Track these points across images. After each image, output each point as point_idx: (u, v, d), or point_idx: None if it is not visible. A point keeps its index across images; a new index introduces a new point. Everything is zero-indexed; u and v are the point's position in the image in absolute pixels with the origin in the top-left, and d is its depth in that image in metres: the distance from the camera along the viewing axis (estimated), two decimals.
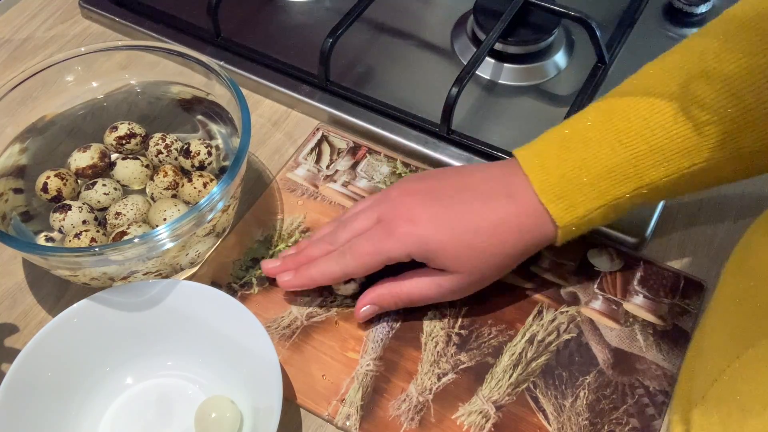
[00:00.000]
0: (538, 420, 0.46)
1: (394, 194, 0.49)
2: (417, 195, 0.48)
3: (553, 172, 0.45)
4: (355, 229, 0.49)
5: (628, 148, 0.44)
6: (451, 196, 0.47)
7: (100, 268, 0.46)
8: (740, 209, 0.55)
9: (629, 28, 0.65)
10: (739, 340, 0.41)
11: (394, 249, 0.46)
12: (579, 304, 0.51)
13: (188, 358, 0.48)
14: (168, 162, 0.54)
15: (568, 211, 0.45)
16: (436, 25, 0.67)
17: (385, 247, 0.47)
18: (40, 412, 0.44)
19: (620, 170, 0.44)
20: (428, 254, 0.46)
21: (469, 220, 0.46)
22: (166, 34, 0.67)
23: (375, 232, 0.47)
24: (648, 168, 0.44)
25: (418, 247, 0.46)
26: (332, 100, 0.62)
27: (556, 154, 0.46)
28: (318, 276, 0.49)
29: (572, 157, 0.45)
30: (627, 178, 0.44)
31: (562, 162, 0.45)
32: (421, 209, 0.47)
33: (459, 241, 0.46)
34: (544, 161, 0.46)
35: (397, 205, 0.48)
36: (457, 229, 0.46)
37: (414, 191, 0.48)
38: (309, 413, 0.47)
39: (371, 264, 0.47)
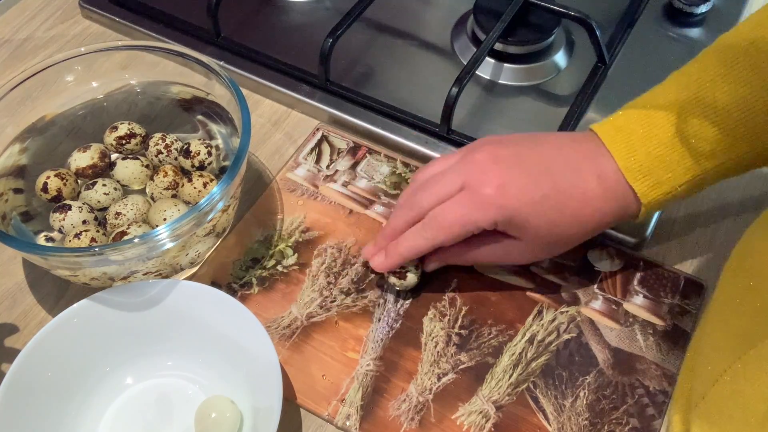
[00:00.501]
0: (538, 420, 0.46)
1: (480, 157, 0.47)
2: (504, 162, 0.46)
3: (639, 149, 0.44)
4: (439, 194, 0.47)
5: (715, 123, 0.43)
6: (539, 169, 0.46)
7: (100, 268, 0.46)
8: (740, 209, 0.55)
9: (629, 28, 0.65)
10: (740, 340, 0.41)
11: (483, 219, 0.45)
12: (579, 304, 0.51)
13: (188, 358, 0.48)
14: (168, 162, 0.54)
15: (654, 189, 0.45)
16: (436, 25, 0.67)
17: (473, 217, 0.45)
18: (40, 412, 0.44)
19: (707, 145, 0.44)
20: (511, 224, 0.46)
21: (557, 199, 0.45)
22: (166, 34, 0.67)
23: (462, 201, 0.46)
24: (735, 142, 0.43)
25: (504, 217, 0.45)
26: (332, 100, 0.61)
27: (641, 130, 0.45)
28: (407, 252, 0.48)
29: (657, 134, 0.44)
30: (713, 153, 0.44)
31: (647, 138, 0.44)
32: (509, 179, 0.45)
33: (544, 217, 0.45)
34: (628, 138, 0.45)
35: (485, 171, 0.46)
36: (545, 206, 0.45)
37: (501, 157, 0.46)
38: (309, 413, 0.47)
39: (459, 233, 0.46)
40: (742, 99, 0.43)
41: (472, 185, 0.46)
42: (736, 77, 0.43)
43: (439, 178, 0.47)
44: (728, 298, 0.45)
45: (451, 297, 0.51)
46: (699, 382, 0.43)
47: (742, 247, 0.46)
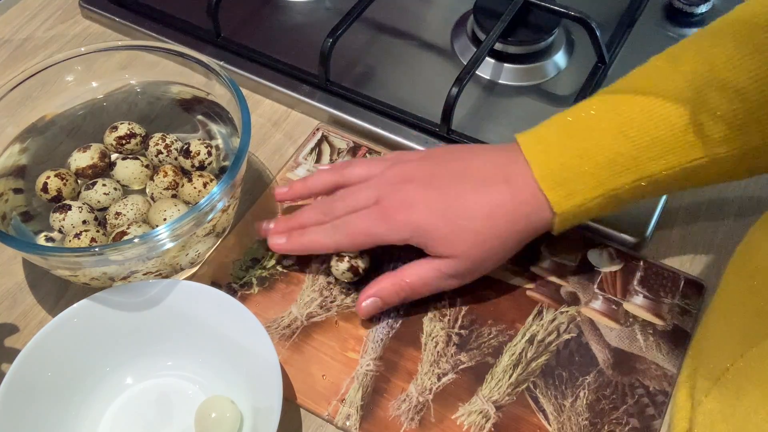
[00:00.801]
0: (538, 420, 0.46)
1: (394, 179, 0.49)
2: (415, 182, 0.48)
3: (555, 159, 0.45)
4: (352, 206, 0.49)
5: (630, 138, 0.44)
6: (449, 182, 0.48)
7: (100, 268, 0.46)
8: (740, 209, 0.55)
9: (629, 28, 0.65)
10: (743, 338, 0.41)
11: (387, 234, 0.48)
12: (579, 304, 0.51)
13: (188, 358, 0.48)
14: (168, 162, 0.54)
15: (567, 199, 0.45)
16: (436, 25, 0.67)
17: (378, 231, 0.48)
18: (40, 412, 0.44)
19: (621, 161, 0.44)
20: (423, 239, 0.47)
21: (464, 206, 0.46)
22: (166, 34, 0.67)
23: (371, 214, 0.48)
24: (649, 160, 0.44)
25: (412, 233, 0.47)
26: (332, 100, 0.62)
27: (558, 141, 0.46)
28: (309, 244, 0.50)
29: (574, 145, 0.45)
30: (627, 169, 0.44)
31: (564, 149, 0.45)
32: (417, 196, 0.47)
33: (453, 225, 0.46)
34: (546, 147, 0.46)
35: (395, 191, 0.48)
36: (451, 215, 0.46)
37: (413, 178, 0.49)
38: (309, 413, 0.47)
39: (362, 243, 0.49)
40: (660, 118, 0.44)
41: (383, 203, 0.48)
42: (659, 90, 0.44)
43: (357, 193, 0.50)
44: (731, 296, 0.45)
45: (451, 297, 0.51)
46: (702, 380, 0.43)
47: (745, 246, 0.46)
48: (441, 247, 0.47)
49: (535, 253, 0.53)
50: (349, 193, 0.50)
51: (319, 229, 0.50)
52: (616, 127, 0.44)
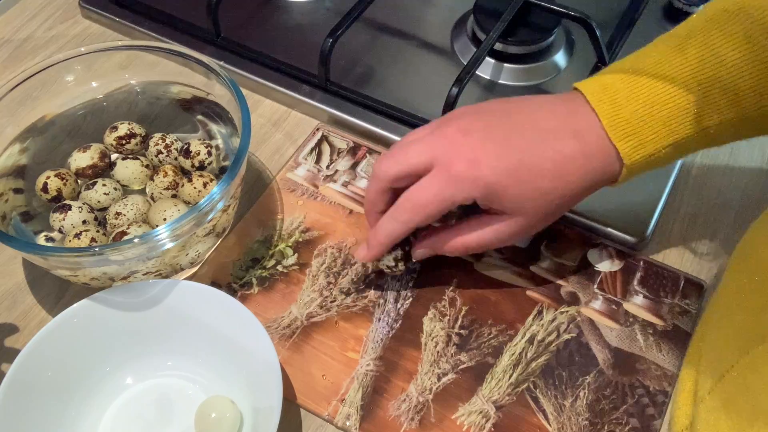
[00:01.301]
0: (538, 420, 0.46)
1: (451, 130, 0.45)
2: (476, 134, 0.44)
3: (625, 108, 0.43)
4: (406, 162, 0.45)
5: (701, 85, 0.43)
6: (514, 135, 0.44)
7: (100, 268, 0.46)
8: (740, 209, 0.55)
9: (629, 28, 0.65)
10: (747, 336, 0.41)
11: (458, 194, 0.44)
12: (579, 304, 0.51)
13: (188, 358, 0.48)
14: (168, 162, 0.54)
15: (637, 150, 0.43)
16: (436, 25, 0.67)
17: (447, 193, 0.44)
18: (40, 412, 0.44)
19: (692, 109, 0.43)
20: (491, 197, 0.44)
21: (533, 162, 0.44)
22: (166, 34, 0.67)
23: (435, 178, 0.44)
24: (720, 108, 0.43)
25: (481, 190, 0.44)
26: (332, 100, 0.62)
27: (627, 89, 0.44)
28: (385, 239, 0.47)
29: (644, 94, 0.43)
30: (699, 117, 0.43)
31: (633, 98, 0.43)
32: (481, 150, 0.44)
33: (523, 183, 0.44)
34: (613, 96, 0.44)
35: (455, 145, 0.44)
36: (521, 172, 0.44)
37: (473, 129, 0.45)
38: (309, 413, 0.47)
39: (435, 212, 0.45)
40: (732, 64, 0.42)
41: (443, 161, 0.44)
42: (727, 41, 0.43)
43: (407, 148, 0.46)
44: (733, 295, 0.44)
45: (451, 297, 0.51)
46: (705, 377, 0.43)
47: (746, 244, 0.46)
48: (509, 207, 0.45)
49: (535, 253, 0.53)
50: (400, 150, 0.46)
51: (386, 218, 0.46)
52: (689, 73, 0.43)
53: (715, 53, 0.42)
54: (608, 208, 0.54)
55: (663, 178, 0.56)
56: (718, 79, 0.42)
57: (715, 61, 0.42)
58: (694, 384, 0.44)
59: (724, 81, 0.42)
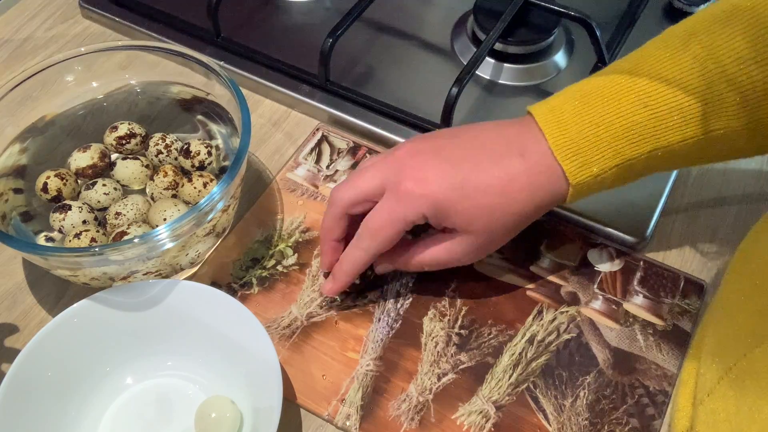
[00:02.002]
0: (538, 420, 0.46)
1: (400, 153, 0.47)
2: (425, 154, 0.46)
3: (571, 128, 0.44)
4: (358, 186, 0.47)
5: (648, 107, 0.43)
6: (461, 154, 0.46)
7: (100, 268, 0.46)
8: (740, 209, 0.55)
9: (629, 28, 0.65)
10: (746, 338, 0.41)
11: (408, 212, 0.45)
12: (579, 304, 0.51)
13: (188, 358, 0.48)
14: (168, 162, 0.54)
15: (582, 169, 0.44)
16: (436, 25, 0.67)
17: (398, 213, 0.45)
18: (40, 412, 0.44)
19: (639, 130, 0.43)
20: (439, 214, 0.45)
21: (479, 179, 0.45)
22: (166, 34, 0.67)
23: (386, 201, 0.46)
24: (667, 130, 0.43)
25: (429, 207, 0.45)
26: (332, 100, 0.62)
27: (574, 109, 0.44)
28: (351, 269, 0.48)
29: (591, 113, 0.44)
30: (644, 139, 0.43)
31: (580, 118, 0.44)
32: (428, 170, 0.45)
33: (469, 199, 0.45)
34: (560, 117, 0.44)
35: (404, 166, 0.46)
36: (467, 188, 0.45)
37: (421, 150, 0.46)
38: (309, 413, 0.47)
39: (392, 234, 0.46)
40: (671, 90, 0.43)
41: (393, 182, 0.45)
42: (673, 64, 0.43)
43: (361, 174, 0.47)
44: (733, 296, 0.45)
45: (451, 297, 0.51)
46: (704, 379, 0.43)
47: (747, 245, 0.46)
48: (458, 224, 0.45)
49: (535, 253, 0.53)
50: (353, 176, 0.48)
51: (349, 249, 0.48)
52: (635, 95, 0.43)
53: (664, 77, 0.43)
54: (608, 208, 0.54)
55: (663, 178, 0.56)
56: (666, 100, 0.43)
57: (664, 85, 0.43)
58: (694, 385, 0.44)
59: (672, 104, 0.43)
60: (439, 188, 0.45)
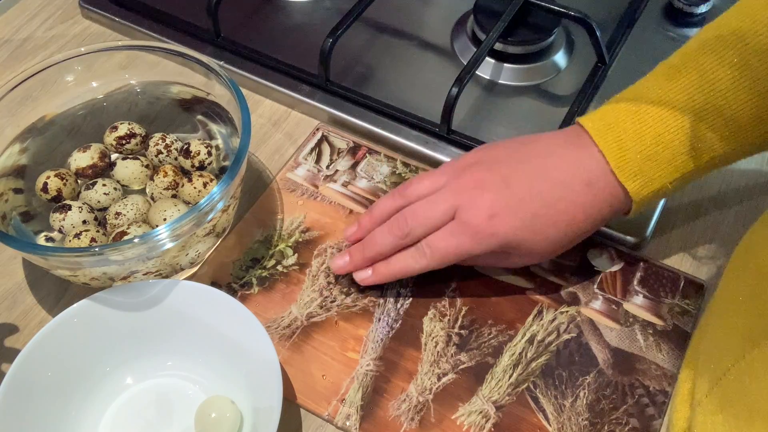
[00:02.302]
0: (538, 420, 0.46)
1: (468, 184, 0.47)
2: (492, 189, 0.47)
3: (631, 148, 0.45)
4: (429, 221, 0.48)
5: (705, 121, 0.44)
6: (527, 186, 0.46)
7: (100, 268, 0.46)
8: (740, 209, 0.55)
9: (629, 28, 0.65)
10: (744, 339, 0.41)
11: (477, 249, 0.47)
12: (579, 304, 0.51)
13: (188, 358, 0.48)
14: (168, 162, 0.54)
15: (645, 187, 0.45)
16: (436, 25, 0.67)
17: (466, 248, 0.47)
18: (40, 412, 0.44)
19: (697, 144, 0.44)
20: (507, 248, 0.47)
21: (548, 215, 0.46)
22: (166, 34, 0.67)
23: (455, 231, 0.47)
24: (722, 139, 0.44)
25: (499, 244, 0.46)
26: (332, 100, 0.61)
27: (632, 128, 0.45)
28: (399, 273, 0.49)
29: (649, 132, 0.44)
30: (703, 151, 0.44)
31: (639, 137, 0.45)
32: (498, 207, 0.46)
33: (537, 234, 0.46)
34: (619, 136, 0.45)
35: (474, 200, 0.47)
36: (536, 224, 0.46)
37: (488, 183, 0.47)
38: (309, 413, 0.47)
39: (451, 261, 0.48)
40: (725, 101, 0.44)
41: (463, 216, 0.47)
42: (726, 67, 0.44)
43: (429, 205, 0.48)
44: (732, 296, 0.45)
45: (451, 297, 0.51)
46: (702, 380, 0.43)
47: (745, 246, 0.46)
48: (521, 253, 0.47)
49: None
50: (421, 210, 0.48)
51: (406, 255, 0.49)
52: (691, 110, 0.44)
53: (716, 88, 0.44)
54: None
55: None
56: (719, 110, 0.44)
57: (717, 96, 0.44)
58: (692, 387, 0.44)
59: (725, 112, 0.44)
60: (509, 228, 0.46)
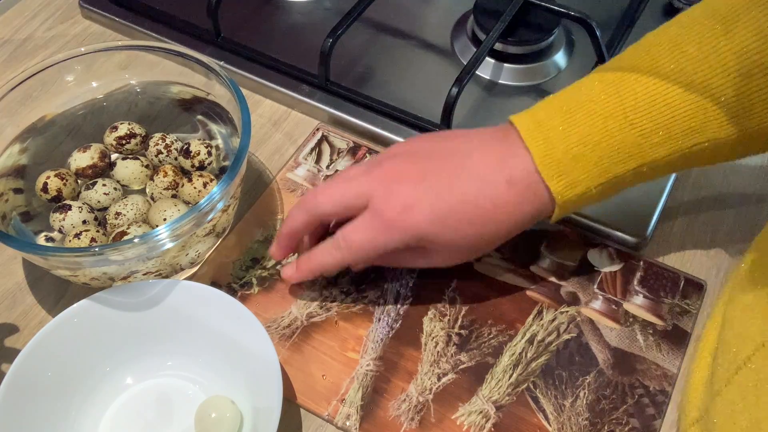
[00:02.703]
0: (538, 420, 0.46)
1: (384, 172, 0.46)
2: (408, 181, 0.46)
3: (557, 146, 0.44)
4: (336, 198, 0.47)
5: (634, 125, 0.43)
6: (448, 182, 0.45)
7: (100, 268, 0.46)
8: (740, 209, 0.55)
9: (629, 28, 0.65)
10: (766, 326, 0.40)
11: (390, 242, 0.46)
12: (579, 304, 0.51)
13: (188, 358, 0.48)
14: (168, 162, 0.54)
15: (569, 189, 0.44)
16: (436, 25, 0.67)
17: (380, 241, 0.46)
18: (40, 412, 0.44)
19: (625, 148, 0.43)
20: (422, 242, 0.46)
21: (465, 210, 0.45)
22: (166, 34, 0.67)
23: (368, 224, 0.46)
24: (652, 146, 0.43)
25: (412, 238, 0.45)
26: (332, 100, 0.62)
27: (561, 127, 0.44)
28: (317, 269, 0.49)
29: (577, 132, 0.44)
30: (630, 156, 0.44)
31: (566, 136, 0.44)
32: (413, 199, 0.45)
33: (453, 230, 0.45)
34: (547, 133, 0.44)
35: (389, 189, 0.45)
36: (452, 220, 0.45)
37: (406, 173, 0.46)
38: (309, 413, 0.47)
39: (366, 256, 0.47)
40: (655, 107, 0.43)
41: (376, 206, 0.45)
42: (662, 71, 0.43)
43: (342, 183, 0.47)
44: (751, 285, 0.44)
45: (451, 297, 0.51)
46: (722, 369, 0.42)
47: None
48: (437, 248, 0.47)
49: (535, 253, 0.53)
50: (333, 186, 0.47)
51: (321, 249, 0.48)
52: (621, 113, 0.43)
53: (648, 92, 0.43)
54: (608, 208, 0.54)
55: (663, 178, 0.56)
56: (651, 117, 0.43)
57: (648, 101, 0.43)
58: (707, 376, 0.44)
59: (657, 120, 0.43)
60: (423, 220, 0.45)
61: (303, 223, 0.48)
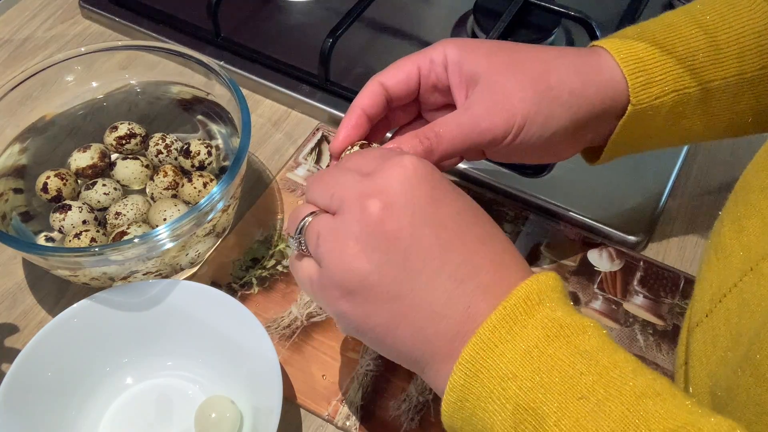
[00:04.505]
0: None
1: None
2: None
3: (635, 45, 0.44)
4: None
5: (708, 34, 0.44)
6: (532, 56, 0.44)
7: (100, 268, 0.46)
8: None
9: None
10: (752, 254, 0.39)
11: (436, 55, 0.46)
12: (579, 304, 0.51)
13: (188, 358, 0.48)
14: (168, 162, 0.54)
15: (645, 88, 0.43)
16: (436, 25, 0.67)
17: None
18: (40, 412, 0.44)
19: (699, 57, 0.44)
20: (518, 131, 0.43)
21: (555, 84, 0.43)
22: (166, 34, 0.67)
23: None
24: (725, 61, 0.44)
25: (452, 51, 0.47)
26: (332, 100, 0.62)
27: (635, 34, 0.45)
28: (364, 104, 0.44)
29: (653, 37, 0.45)
30: (703, 68, 0.44)
31: (643, 40, 0.44)
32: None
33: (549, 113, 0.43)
34: (623, 35, 0.45)
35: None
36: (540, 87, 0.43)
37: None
38: (309, 413, 0.47)
39: (409, 70, 0.47)
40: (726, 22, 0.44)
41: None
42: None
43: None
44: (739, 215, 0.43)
45: None
46: (702, 303, 0.41)
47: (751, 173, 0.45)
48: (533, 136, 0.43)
49: (536, 253, 0.53)
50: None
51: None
52: (695, 24, 0.44)
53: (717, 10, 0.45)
54: (608, 208, 0.54)
55: (663, 178, 0.56)
56: (725, 29, 0.44)
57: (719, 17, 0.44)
58: (688, 319, 0.43)
59: (730, 33, 0.44)
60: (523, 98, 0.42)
61: (372, 96, 0.44)
